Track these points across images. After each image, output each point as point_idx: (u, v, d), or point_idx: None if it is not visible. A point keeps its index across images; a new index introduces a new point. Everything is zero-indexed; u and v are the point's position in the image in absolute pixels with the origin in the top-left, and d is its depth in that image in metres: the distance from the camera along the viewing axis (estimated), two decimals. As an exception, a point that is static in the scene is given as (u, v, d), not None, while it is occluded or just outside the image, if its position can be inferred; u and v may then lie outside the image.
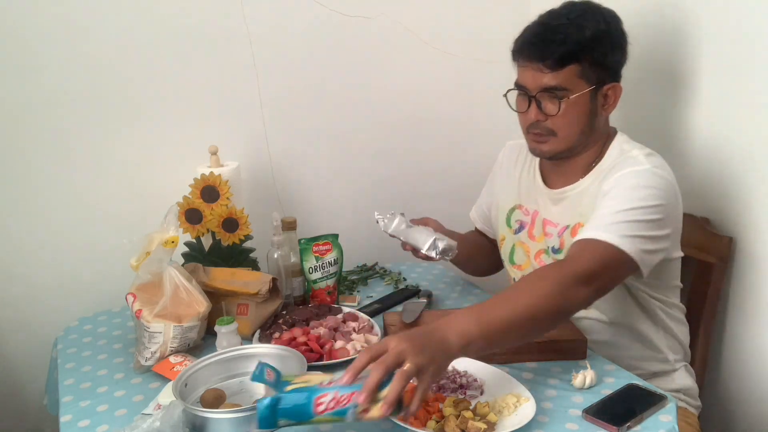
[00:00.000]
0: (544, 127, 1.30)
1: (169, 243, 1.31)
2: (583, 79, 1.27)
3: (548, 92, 1.27)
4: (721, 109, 1.48)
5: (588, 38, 1.24)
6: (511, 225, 1.50)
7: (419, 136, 2.00)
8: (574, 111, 1.28)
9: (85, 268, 1.69)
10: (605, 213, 1.20)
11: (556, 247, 1.38)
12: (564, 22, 1.26)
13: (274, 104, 1.80)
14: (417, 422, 1.03)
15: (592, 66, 1.26)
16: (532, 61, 1.28)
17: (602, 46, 1.26)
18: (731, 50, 1.43)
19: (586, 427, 1.06)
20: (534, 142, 1.35)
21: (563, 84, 1.26)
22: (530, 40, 1.29)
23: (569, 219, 1.36)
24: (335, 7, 1.78)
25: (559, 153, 1.34)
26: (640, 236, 1.18)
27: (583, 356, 1.27)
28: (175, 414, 1.00)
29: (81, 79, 1.61)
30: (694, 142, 1.54)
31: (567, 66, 1.25)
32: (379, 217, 1.43)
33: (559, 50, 1.24)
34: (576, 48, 1.24)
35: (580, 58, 1.25)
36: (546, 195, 1.42)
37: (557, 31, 1.25)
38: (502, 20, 1.99)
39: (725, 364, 1.57)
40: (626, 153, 1.31)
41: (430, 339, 0.99)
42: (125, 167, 1.69)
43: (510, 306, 1.08)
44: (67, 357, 1.38)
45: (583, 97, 1.27)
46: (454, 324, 1.02)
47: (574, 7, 1.29)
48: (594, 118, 1.31)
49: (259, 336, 1.37)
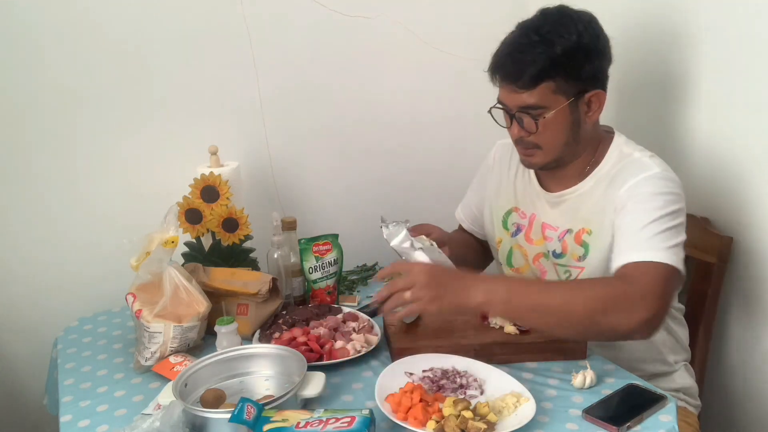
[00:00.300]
0: (528, 142, 1.30)
1: (169, 243, 1.31)
2: (560, 94, 1.24)
3: (525, 111, 1.26)
4: (721, 110, 1.48)
5: (559, 54, 1.21)
6: (508, 228, 1.49)
7: (419, 136, 1.99)
8: (554, 126, 1.27)
9: (85, 268, 1.70)
10: (635, 229, 1.20)
11: (558, 252, 1.37)
12: (534, 39, 1.23)
13: (274, 104, 1.80)
14: (417, 422, 1.03)
15: (568, 80, 1.24)
16: (506, 82, 1.27)
17: (575, 59, 1.23)
18: (731, 51, 1.43)
19: (586, 427, 1.06)
20: (523, 155, 1.35)
21: (539, 102, 1.24)
22: (501, 61, 1.27)
23: (570, 223, 1.36)
24: (335, 7, 1.78)
25: (547, 164, 1.34)
26: (675, 245, 1.19)
27: (583, 356, 1.27)
28: (175, 414, 1.00)
29: (81, 79, 1.61)
30: (694, 142, 1.54)
31: (540, 84, 1.23)
32: (383, 224, 1.32)
33: (529, 71, 1.22)
34: (547, 66, 1.21)
35: (552, 76, 1.22)
36: (543, 198, 1.41)
37: (527, 51, 1.22)
38: (501, 20, 1.99)
39: (725, 363, 1.57)
40: (629, 156, 1.30)
41: (450, 280, 1.16)
42: (125, 167, 1.69)
43: (547, 292, 1.19)
44: (67, 357, 1.38)
45: (562, 111, 1.25)
46: (487, 281, 1.17)
47: (546, 18, 1.26)
48: (578, 128, 1.29)
49: (259, 336, 1.37)
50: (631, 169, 1.27)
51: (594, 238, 1.31)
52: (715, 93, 1.49)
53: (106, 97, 1.64)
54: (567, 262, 1.36)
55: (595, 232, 1.31)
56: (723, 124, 1.48)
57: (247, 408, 0.96)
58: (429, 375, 1.19)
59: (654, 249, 1.17)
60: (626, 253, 1.20)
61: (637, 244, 1.19)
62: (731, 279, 1.50)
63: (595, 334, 1.23)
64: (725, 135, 1.48)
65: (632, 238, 1.20)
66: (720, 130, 1.49)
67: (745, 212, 1.45)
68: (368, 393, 1.17)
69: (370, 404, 1.13)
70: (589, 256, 1.32)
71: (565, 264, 1.36)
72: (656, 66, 1.59)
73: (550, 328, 1.22)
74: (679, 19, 1.52)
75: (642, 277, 1.16)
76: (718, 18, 1.45)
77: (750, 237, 1.45)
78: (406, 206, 2.01)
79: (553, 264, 1.39)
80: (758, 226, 1.43)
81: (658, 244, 1.18)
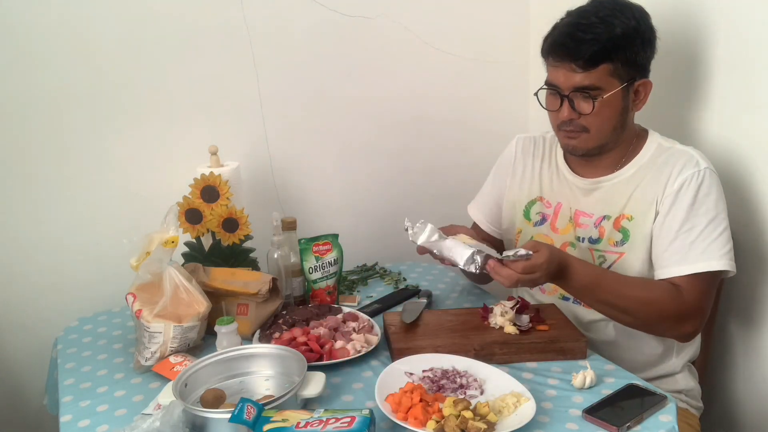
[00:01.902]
0: (577, 124, 1.31)
1: (169, 243, 1.31)
2: (616, 78, 1.27)
3: (581, 92, 1.27)
4: (722, 110, 1.48)
5: (619, 36, 1.24)
6: (530, 218, 1.49)
7: (419, 136, 2.00)
8: (607, 109, 1.29)
9: (85, 268, 1.70)
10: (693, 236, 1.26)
11: (594, 237, 1.39)
12: (594, 20, 1.25)
13: (274, 104, 1.80)
14: (417, 422, 1.03)
15: (624, 64, 1.26)
16: (564, 61, 1.27)
17: (633, 43, 1.26)
18: (737, 51, 1.43)
19: (586, 427, 1.06)
20: (566, 139, 1.35)
21: (596, 83, 1.26)
22: (561, 40, 1.28)
23: (607, 209, 1.37)
24: (335, 7, 1.78)
25: (591, 149, 1.35)
26: (729, 250, 1.27)
27: (583, 356, 1.27)
28: (175, 414, 1.00)
29: (81, 79, 1.61)
30: (694, 142, 1.54)
31: (600, 65, 1.25)
32: (408, 224, 1.31)
33: (591, 50, 1.24)
34: (608, 47, 1.24)
35: (612, 57, 1.25)
36: (576, 185, 1.42)
37: (588, 31, 1.24)
38: (502, 20, 2.00)
39: (726, 364, 1.57)
40: (670, 149, 1.33)
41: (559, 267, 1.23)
42: (125, 167, 1.69)
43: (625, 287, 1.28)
44: (67, 357, 1.38)
45: (616, 95, 1.28)
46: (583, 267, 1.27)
47: (602, 4, 1.28)
48: (626, 115, 1.32)
49: (259, 336, 1.37)
50: (679, 161, 1.30)
51: (635, 225, 1.33)
52: (717, 93, 1.48)
53: (107, 98, 1.64)
54: (604, 247, 1.37)
55: (637, 219, 1.33)
56: (724, 125, 1.48)
57: (247, 408, 0.97)
58: (429, 375, 1.19)
59: (710, 259, 1.25)
60: (683, 264, 1.26)
61: (696, 255, 1.26)
62: (731, 279, 1.50)
63: (645, 329, 1.34)
64: (725, 135, 1.48)
65: (688, 247, 1.26)
66: (720, 130, 1.49)
67: (745, 212, 1.45)
68: (368, 393, 1.17)
69: (370, 404, 1.13)
70: (629, 242, 1.34)
71: (602, 249, 1.38)
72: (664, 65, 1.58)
73: (609, 317, 1.33)
74: (694, 20, 1.51)
75: (695, 291, 1.26)
76: (732, 19, 1.43)
77: (750, 237, 1.45)
78: (406, 206, 2.01)
79: (588, 250, 1.39)
80: (758, 226, 1.43)
81: (713, 253, 1.25)
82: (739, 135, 1.46)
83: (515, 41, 2.00)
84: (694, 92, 1.54)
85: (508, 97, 2.07)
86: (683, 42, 1.53)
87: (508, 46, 2.00)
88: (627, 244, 1.34)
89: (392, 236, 1.98)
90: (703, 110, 1.52)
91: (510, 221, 1.55)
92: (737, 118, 1.45)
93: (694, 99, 1.54)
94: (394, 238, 1.98)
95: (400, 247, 1.80)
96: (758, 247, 1.44)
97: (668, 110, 1.60)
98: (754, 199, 1.44)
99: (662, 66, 1.38)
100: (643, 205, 1.32)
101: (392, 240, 1.94)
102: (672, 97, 1.58)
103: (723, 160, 1.46)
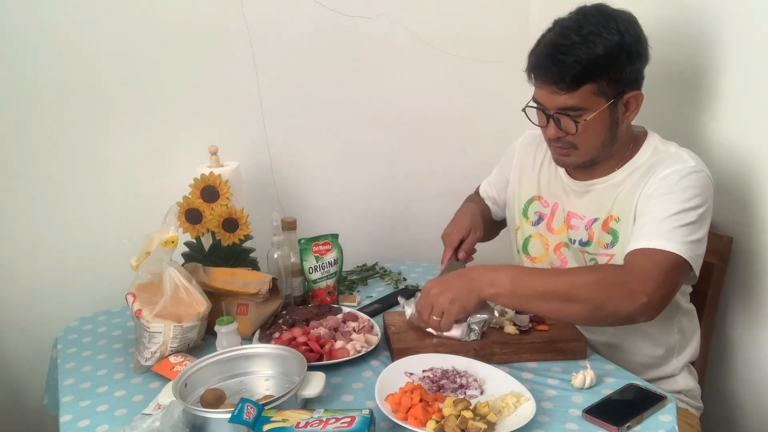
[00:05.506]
0: (565, 141, 1.30)
1: (169, 243, 1.31)
2: (601, 96, 1.23)
3: (564, 112, 1.25)
4: (723, 110, 1.48)
5: (601, 56, 1.20)
6: (528, 216, 1.49)
7: (419, 136, 2.00)
8: (593, 127, 1.26)
9: (85, 268, 1.70)
10: (657, 218, 1.21)
11: (585, 240, 1.37)
12: (575, 40, 1.20)
13: (274, 104, 1.80)
14: (417, 422, 1.03)
15: (609, 82, 1.22)
16: (546, 83, 1.25)
17: (617, 61, 1.21)
18: (745, 54, 1.42)
19: (586, 427, 1.06)
20: (557, 155, 1.35)
21: (579, 104, 1.23)
22: (542, 62, 1.25)
23: (598, 212, 1.36)
24: (335, 7, 1.78)
25: (583, 164, 1.34)
26: (693, 241, 1.21)
27: (583, 356, 1.27)
28: (175, 414, 1.00)
29: (81, 79, 1.61)
30: (694, 142, 1.54)
31: (582, 87, 1.22)
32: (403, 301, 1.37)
33: (572, 72, 1.20)
34: (589, 68, 1.20)
35: (595, 77, 1.21)
36: (570, 187, 1.41)
37: (569, 53, 1.20)
38: (502, 20, 2.00)
39: (726, 364, 1.57)
40: (665, 151, 1.31)
41: (460, 281, 1.24)
42: (125, 167, 1.69)
43: (550, 279, 1.21)
44: (67, 357, 1.38)
45: (602, 113, 1.25)
46: (491, 273, 1.22)
47: (586, 19, 1.23)
48: (615, 129, 1.29)
49: (259, 336, 1.37)
50: (666, 161, 1.28)
51: (622, 226, 1.32)
52: (717, 94, 1.48)
53: (107, 98, 1.64)
54: (594, 250, 1.36)
55: (623, 219, 1.31)
56: (724, 125, 1.48)
57: (247, 408, 0.97)
58: (429, 375, 1.19)
59: (666, 239, 1.19)
60: (639, 240, 1.21)
61: (652, 232, 1.21)
62: (732, 279, 1.50)
63: (600, 319, 1.23)
64: (726, 135, 1.48)
65: (650, 227, 1.22)
66: (719, 130, 1.49)
67: (745, 212, 1.45)
68: (368, 393, 1.17)
69: (370, 404, 1.13)
70: (618, 244, 1.32)
71: (592, 252, 1.36)
72: (664, 67, 1.58)
73: (557, 315, 1.25)
74: (701, 22, 1.50)
75: (645, 262, 1.18)
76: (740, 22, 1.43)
77: (750, 237, 1.45)
78: (406, 206, 2.01)
79: (580, 252, 1.38)
80: (758, 226, 1.43)
81: (672, 236, 1.19)
82: (746, 137, 1.45)
83: (515, 41, 2.00)
84: (700, 94, 1.54)
85: (508, 97, 2.06)
86: (690, 44, 1.53)
87: (508, 46, 1.99)
88: (617, 246, 1.32)
89: (392, 236, 1.99)
90: (709, 112, 1.51)
91: (510, 217, 1.56)
92: (744, 121, 1.45)
93: (701, 101, 1.54)
94: (394, 238, 1.99)
95: (400, 247, 1.80)
96: (756, 247, 1.44)
97: (675, 112, 1.59)
98: (750, 199, 1.43)
99: (669, 69, 1.38)
100: (629, 204, 1.30)
101: (392, 240, 1.94)
102: (679, 99, 1.58)
103: (730, 162, 1.46)
